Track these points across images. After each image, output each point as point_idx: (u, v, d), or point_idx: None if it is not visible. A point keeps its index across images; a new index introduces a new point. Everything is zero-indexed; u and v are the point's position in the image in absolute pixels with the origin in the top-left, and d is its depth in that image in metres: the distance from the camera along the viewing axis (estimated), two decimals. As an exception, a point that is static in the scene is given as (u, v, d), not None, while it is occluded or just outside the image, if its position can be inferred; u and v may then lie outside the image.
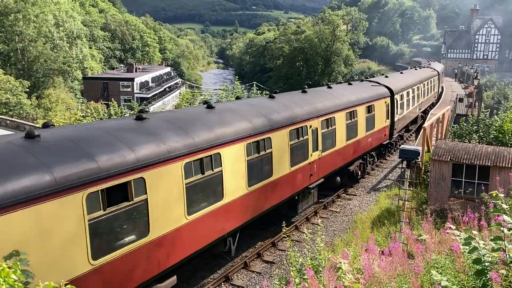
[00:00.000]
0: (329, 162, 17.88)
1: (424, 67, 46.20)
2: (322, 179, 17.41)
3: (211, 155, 11.14)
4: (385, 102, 23.66)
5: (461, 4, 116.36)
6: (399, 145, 28.41)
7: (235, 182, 12.14)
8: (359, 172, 22.01)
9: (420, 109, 34.59)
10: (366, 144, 21.55)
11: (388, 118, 24.38)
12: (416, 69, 42.46)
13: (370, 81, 25.69)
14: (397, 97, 25.29)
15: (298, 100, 16.82)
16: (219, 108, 13.45)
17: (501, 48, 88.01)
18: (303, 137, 15.71)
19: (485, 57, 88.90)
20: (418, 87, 32.48)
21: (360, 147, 20.89)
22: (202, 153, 10.83)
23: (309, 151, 16.15)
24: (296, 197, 16.13)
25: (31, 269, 4.25)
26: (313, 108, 16.68)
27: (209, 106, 13.31)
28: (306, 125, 15.84)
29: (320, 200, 19.51)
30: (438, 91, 45.75)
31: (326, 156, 17.50)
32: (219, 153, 11.43)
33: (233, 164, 12.00)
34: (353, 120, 19.68)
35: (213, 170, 11.27)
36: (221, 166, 11.55)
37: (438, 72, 44.56)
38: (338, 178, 19.89)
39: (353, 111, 19.66)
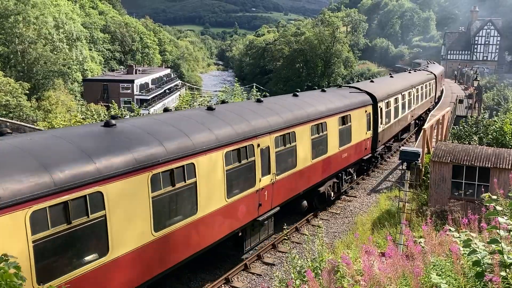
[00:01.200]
0: (287, 187, 14.99)
1: (420, 69, 43.09)
2: (278, 208, 14.46)
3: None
4: (366, 111, 20.96)
5: (460, 6, 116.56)
6: (386, 158, 27.11)
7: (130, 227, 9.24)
8: (332, 193, 18.92)
9: (412, 116, 31.85)
10: (340, 160, 18.72)
11: (369, 129, 21.64)
12: (410, 72, 39.28)
13: (350, 87, 23.17)
14: (381, 104, 22.72)
15: (246, 113, 13.77)
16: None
17: (500, 49, 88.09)
18: (247, 159, 12.58)
19: (485, 58, 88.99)
20: (410, 92, 29.77)
21: (332, 165, 18.09)
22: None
23: (256, 176, 13.08)
24: (241, 233, 13.31)
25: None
26: (263, 122, 13.73)
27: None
28: (252, 144, 12.78)
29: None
30: (436, 95, 42.79)
31: (283, 179, 14.60)
32: None
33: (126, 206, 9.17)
34: (321, 134, 16.90)
35: None
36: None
37: (435, 75, 41.34)
38: (305, 203, 17.03)
39: (321, 123, 16.84)
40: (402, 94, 27.61)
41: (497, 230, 4.39)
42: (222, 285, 13.03)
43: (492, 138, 22.98)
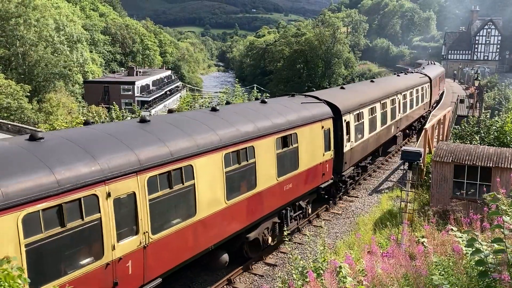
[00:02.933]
0: (177, 247, 10.44)
1: (414, 72, 38.51)
2: (159, 280, 9.95)
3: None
4: (323, 127, 16.85)
5: (460, 6, 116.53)
6: (361, 180, 23.02)
7: None
8: (270, 238, 14.60)
9: (398, 127, 27.57)
10: (280, 194, 14.48)
11: (329, 149, 17.55)
12: (399, 75, 34.73)
13: (306, 95, 18.75)
14: (348, 117, 18.81)
15: (101, 140, 9.50)
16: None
17: (501, 49, 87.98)
18: (82, 219, 8.28)
19: (486, 58, 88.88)
20: (394, 100, 25.81)
21: (266, 203, 13.65)
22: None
23: (105, 244, 8.66)
24: None
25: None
26: (127, 158, 9.23)
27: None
28: (95, 195, 8.49)
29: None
30: (431, 100, 38.25)
31: (168, 238, 10.05)
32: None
33: None
34: (244, 163, 12.47)
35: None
36: None
37: (429, 78, 36.66)
38: (225, 256, 12.67)
39: (244, 149, 12.46)
40: (383, 102, 23.59)
41: (502, 229, 4.38)
42: (224, 286, 13.03)
43: (493, 137, 22.95)
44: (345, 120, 18.47)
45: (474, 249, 4.48)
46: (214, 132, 11.66)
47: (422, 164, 20.28)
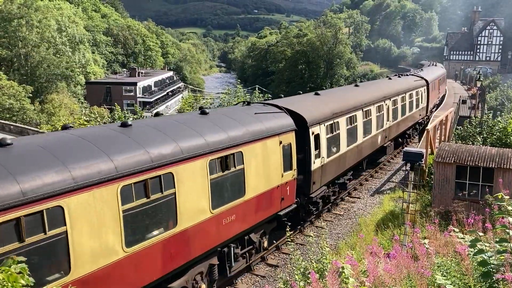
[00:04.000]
0: None
1: (409, 74, 35.35)
2: None
3: None
4: (281, 142, 14.13)
5: (462, 6, 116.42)
6: (340, 200, 20.28)
7: None
8: (204, 285, 11.61)
9: (387, 136, 24.94)
10: (216, 231, 11.56)
11: (291, 168, 14.80)
12: (390, 78, 31.21)
13: (266, 104, 16.19)
14: (317, 129, 16.11)
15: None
16: None
17: (503, 49, 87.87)
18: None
19: (488, 58, 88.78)
20: (381, 106, 23.27)
21: (194, 243, 10.83)
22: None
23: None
24: None
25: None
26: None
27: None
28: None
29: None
30: (428, 105, 35.04)
31: None
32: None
33: None
34: (157, 196, 9.55)
35: None
36: None
37: (426, 81, 33.76)
38: None
39: (155, 177, 9.49)
40: (366, 109, 21.13)
41: (506, 230, 4.37)
42: (226, 287, 13.02)
43: (496, 138, 22.91)
44: (313, 133, 15.79)
45: (477, 250, 4.47)
46: (106, 158, 8.73)
47: (424, 165, 20.26)
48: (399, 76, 32.65)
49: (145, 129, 10.50)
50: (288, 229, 11.72)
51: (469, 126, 25.39)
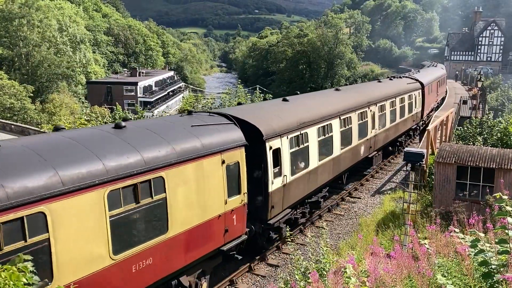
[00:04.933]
0: None
1: (401, 76, 32.97)
2: None
3: None
4: (224, 162, 11.66)
5: (463, 6, 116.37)
6: (311, 223, 17.75)
7: None
8: None
9: (372, 146, 22.48)
10: (124, 281, 9.07)
11: (238, 192, 12.37)
12: (380, 81, 29.53)
13: (212, 113, 13.57)
14: (277, 143, 13.86)
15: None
16: None
17: (504, 50, 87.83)
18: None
19: (489, 59, 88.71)
20: (364, 113, 20.99)
21: None
22: None
23: None
24: None
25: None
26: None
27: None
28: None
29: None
30: (424, 110, 32.49)
31: None
32: None
33: None
34: (25, 243, 7.30)
35: None
36: None
37: (421, 84, 31.47)
38: None
39: (16, 220, 7.18)
40: (344, 117, 18.87)
41: (506, 231, 4.37)
42: (227, 287, 13.03)
43: (496, 138, 22.90)
44: (270, 147, 13.47)
45: (477, 250, 4.47)
46: None
47: (424, 165, 20.25)
48: (390, 79, 30.39)
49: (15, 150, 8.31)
50: (288, 230, 11.76)
51: (469, 127, 25.38)
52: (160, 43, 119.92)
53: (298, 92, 22.39)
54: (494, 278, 4.25)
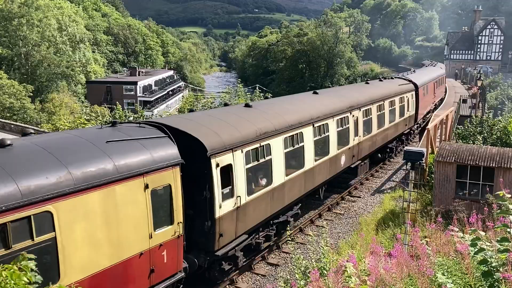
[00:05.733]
0: None
1: (393, 77, 31.17)
2: None
3: None
4: (147, 186, 9.61)
5: (463, 5, 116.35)
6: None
7: None
8: None
9: (355, 155, 20.33)
10: None
11: (170, 223, 10.28)
12: (367, 82, 27.63)
13: (143, 124, 11.41)
14: (227, 158, 11.70)
15: None
16: None
17: (504, 49, 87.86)
18: None
19: (488, 58, 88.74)
20: (344, 119, 18.85)
21: None
22: None
23: None
24: None
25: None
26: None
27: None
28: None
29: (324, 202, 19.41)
30: (418, 114, 30.46)
31: None
32: None
33: None
34: None
35: None
36: None
37: (415, 86, 29.42)
38: None
39: None
40: (319, 125, 16.66)
41: (508, 229, 4.38)
42: (227, 286, 13.04)
43: (496, 137, 22.93)
44: (218, 164, 11.25)
45: (478, 249, 4.48)
46: None
47: (424, 164, 20.26)
48: (380, 80, 28.55)
49: None
50: (288, 228, 11.77)
51: (469, 126, 25.40)
52: (159, 43, 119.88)
53: (270, 96, 21.37)
54: (494, 276, 4.25)
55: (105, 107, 54.98)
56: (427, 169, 21.01)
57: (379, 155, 24.95)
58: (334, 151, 18.09)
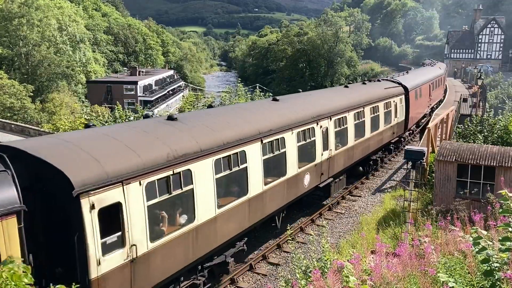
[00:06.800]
0: None
1: (380, 80, 28.37)
2: None
3: None
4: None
5: (464, 4, 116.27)
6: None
7: None
8: None
9: (323, 173, 17.43)
10: None
11: None
12: (347, 86, 24.14)
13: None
14: (111, 195, 8.62)
15: None
16: None
17: (504, 48, 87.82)
18: None
19: (489, 57, 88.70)
20: (309, 131, 16.00)
21: None
22: None
23: None
24: None
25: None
26: None
27: None
28: None
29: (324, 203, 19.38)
30: (408, 120, 27.76)
31: None
32: None
33: None
34: None
35: None
36: None
37: (405, 89, 26.95)
38: None
39: None
40: (268, 140, 13.62)
41: (509, 228, 4.36)
42: (228, 286, 13.03)
43: (497, 136, 22.90)
44: (93, 205, 8.21)
45: (480, 247, 4.47)
46: None
47: (425, 163, 20.25)
48: (364, 83, 25.69)
49: None
50: (288, 228, 11.73)
51: (470, 125, 25.37)
52: (160, 42, 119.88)
53: (213, 105, 17.91)
54: (496, 275, 4.24)
55: (105, 107, 55.02)
56: (428, 168, 21.00)
57: (361, 168, 22.49)
58: (294, 170, 15.25)
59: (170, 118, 11.88)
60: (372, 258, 5.49)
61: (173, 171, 9.97)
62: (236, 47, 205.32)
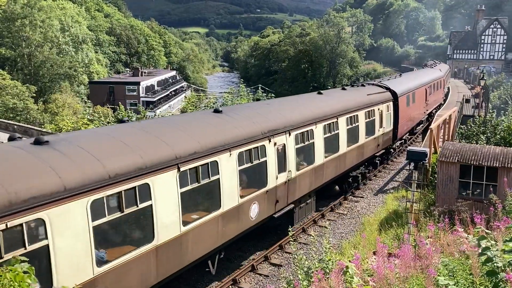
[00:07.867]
0: None
1: (364, 84, 24.53)
2: None
3: None
4: None
5: (466, 5, 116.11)
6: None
7: None
8: None
9: (279, 199, 14.30)
10: None
11: None
12: (320, 93, 20.24)
13: None
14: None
15: None
16: None
17: (507, 48, 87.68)
18: None
19: (491, 57, 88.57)
20: (258, 150, 12.93)
21: None
22: None
23: None
24: None
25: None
26: None
27: None
28: None
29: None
30: (398, 129, 24.82)
31: None
32: None
33: None
34: None
35: None
36: None
37: (394, 94, 24.14)
38: None
39: None
40: (192, 166, 10.44)
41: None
42: (230, 286, 13.03)
43: (499, 137, 22.84)
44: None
45: (483, 247, 4.46)
46: None
47: (427, 164, 20.21)
48: (343, 89, 22.45)
49: None
50: (290, 229, 11.71)
51: (472, 125, 25.31)
52: (162, 43, 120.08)
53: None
54: (499, 276, 4.24)
55: (107, 107, 55.11)
56: (430, 169, 20.96)
57: (337, 187, 20.15)
58: (233, 201, 12.03)
59: (38, 142, 8.53)
60: (374, 259, 5.49)
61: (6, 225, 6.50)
62: (238, 47, 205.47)
